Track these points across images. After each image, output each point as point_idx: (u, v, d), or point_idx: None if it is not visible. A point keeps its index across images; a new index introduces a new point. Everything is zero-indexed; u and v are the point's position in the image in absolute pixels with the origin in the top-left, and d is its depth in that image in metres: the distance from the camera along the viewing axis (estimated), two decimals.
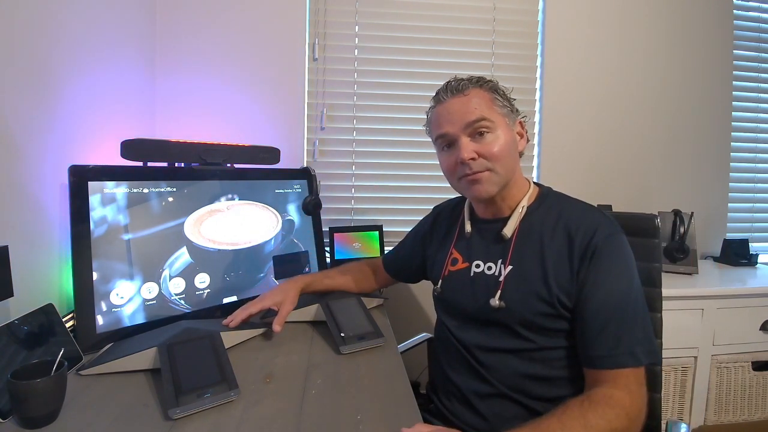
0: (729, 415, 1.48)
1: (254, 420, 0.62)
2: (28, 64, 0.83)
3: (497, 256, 0.81)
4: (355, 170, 1.67)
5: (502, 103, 0.79)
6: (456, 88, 0.79)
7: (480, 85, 0.80)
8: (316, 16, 1.61)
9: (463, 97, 0.78)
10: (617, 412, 0.61)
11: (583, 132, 1.77)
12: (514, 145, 0.80)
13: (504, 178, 0.78)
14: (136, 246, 0.92)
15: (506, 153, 0.77)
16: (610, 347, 0.67)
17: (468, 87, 0.79)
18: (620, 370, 0.66)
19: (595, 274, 0.71)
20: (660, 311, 0.91)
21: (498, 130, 0.77)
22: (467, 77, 0.81)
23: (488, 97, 0.79)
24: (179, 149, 1.06)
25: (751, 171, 1.94)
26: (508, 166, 0.78)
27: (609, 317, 0.68)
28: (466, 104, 0.78)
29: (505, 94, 0.81)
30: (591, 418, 0.60)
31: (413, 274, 1.06)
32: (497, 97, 0.79)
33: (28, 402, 0.57)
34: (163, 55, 1.50)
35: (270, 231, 1.17)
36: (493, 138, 0.77)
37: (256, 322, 0.93)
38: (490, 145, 0.77)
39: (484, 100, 0.78)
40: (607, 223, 0.74)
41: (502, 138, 0.77)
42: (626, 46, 1.77)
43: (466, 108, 0.77)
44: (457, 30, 1.68)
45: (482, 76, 0.82)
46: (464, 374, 0.81)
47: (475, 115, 0.76)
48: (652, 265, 0.91)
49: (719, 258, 1.82)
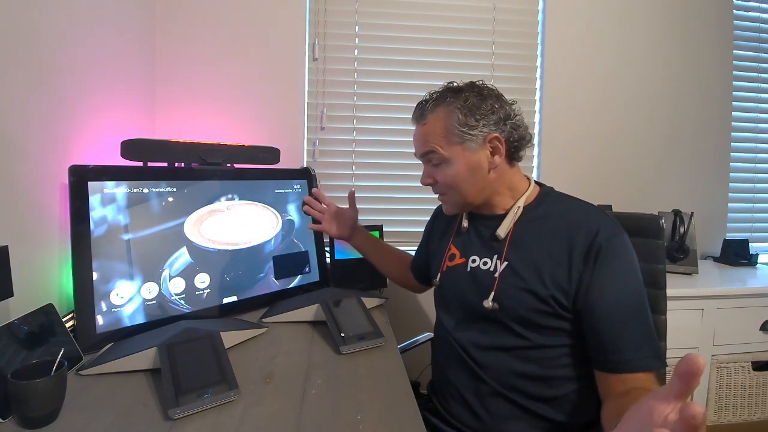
0: (729, 415, 1.48)
1: (254, 420, 0.62)
2: (28, 64, 0.83)
3: (492, 252, 0.81)
4: (355, 170, 1.68)
5: (459, 130, 0.77)
6: (418, 116, 0.83)
7: (442, 106, 0.79)
8: (316, 16, 1.61)
9: (421, 127, 0.82)
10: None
11: (583, 132, 1.77)
12: (475, 170, 0.78)
13: (464, 200, 0.82)
14: (136, 246, 0.92)
15: (460, 180, 0.80)
16: (634, 350, 0.66)
17: (426, 115, 0.81)
18: (644, 374, 0.65)
19: (604, 275, 0.70)
20: (664, 313, 0.90)
21: (452, 160, 0.79)
22: (435, 95, 0.81)
23: (443, 127, 0.78)
24: (179, 149, 1.06)
25: (751, 171, 1.94)
26: (467, 191, 0.81)
27: (627, 319, 0.68)
28: (422, 135, 0.82)
29: (471, 112, 0.76)
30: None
31: (427, 275, 1.06)
32: (454, 125, 0.77)
33: (28, 402, 0.57)
34: (163, 55, 1.50)
35: (270, 231, 1.17)
36: (445, 167, 0.80)
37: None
38: (442, 175, 0.81)
39: (438, 131, 0.79)
40: (609, 223, 0.74)
41: (454, 168, 0.79)
42: (626, 46, 1.77)
43: (422, 138, 0.82)
44: (457, 30, 1.68)
45: (451, 88, 0.80)
46: (461, 373, 0.81)
47: (426, 148, 0.81)
48: (656, 267, 0.90)
49: (719, 258, 1.82)
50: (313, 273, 1.24)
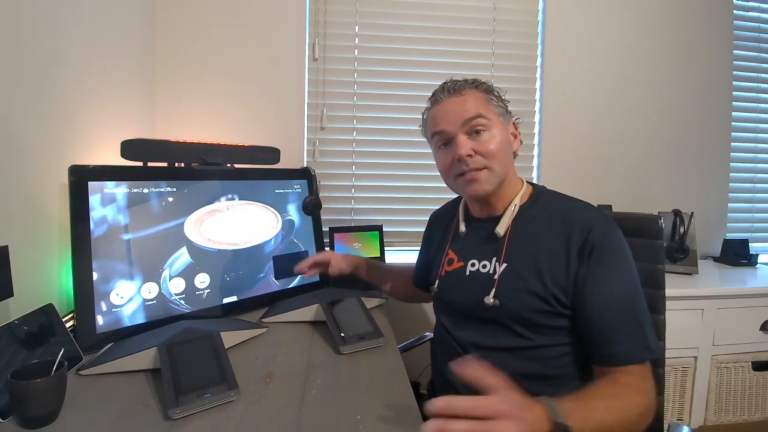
0: (729, 415, 1.48)
1: (254, 420, 0.62)
2: (28, 64, 0.83)
3: (491, 255, 0.81)
4: (355, 170, 1.68)
5: (497, 103, 0.81)
6: (452, 88, 0.81)
7: (476, 86, 0.82)
8: (316, 16, 1.61)
9: (459, 97, 0.80)
10: (642, 399, 0.63)
11: (583, 132, 1.77)
12: (509, 145, 0.82)
13: (500, 177, 0.80)
14: (136, 246, 0.92)
15: (502, 151, 0.79)
16: (627, 343, 0.68)
17: (464, 87, 0.81)
18: (635, 366, 0.67)
19: (598, 271, 0.71)
20: (663, 313, 0.90)
21: (494, 128, 0.79)
22: (463, 79, 0.83)
23: (483, 97, 0.81)
24: (179, 149, 1.06)
25: (751, 171, 1.94)
26: (503, 165, 0.80)
27: (620, 314, 0.69)
28: (463, 103, 0.79)
29: (499, 95, 0.83)
30: (622, 396, 0.62)
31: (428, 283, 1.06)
32: (492, 98, 0.81)
33: (28, 402, 0.57)
34: (163, 55, 1.50)
35: (270, 231, 1.17)
36: (490, 136, 0.78)
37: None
38: (487, 143, 0.78)
39: (480, 100, 0.80)
40: (602, 219, 0.75)
41: (498, 136, 0.79)
42: (626, 46, 1.77)
43: (462, 107, 0.79)
44: (457, 30, 1.68)
45: (477, 78, 0.84)
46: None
47: (472, 113, 0.78)
48: (656, 267, 0.90)
49: (719, 258, 1.82)
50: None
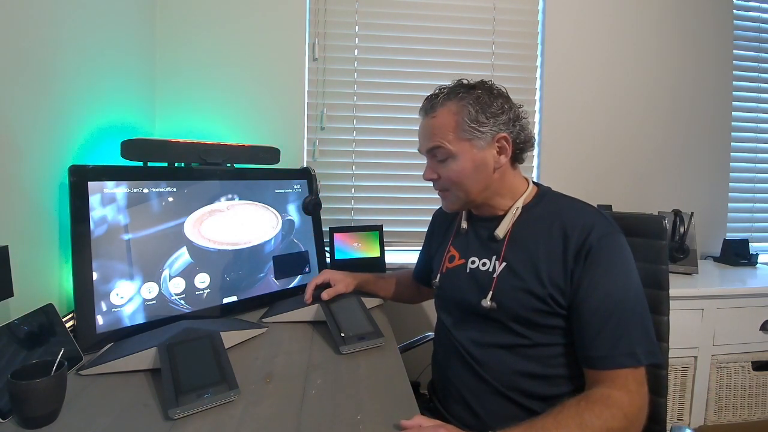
0: (729, 415, 1.48)
1: (254, 420, 0.62)
2: (28, 64, 0.83)
3: (491, 253, 0.81)
4: (355, 170, 1.67)
5: (469, 126, 0.77)
6: (427, 107, 0.82)
7: (459, 98, 0.78)
8: (316, 16, 1.61)
9: (430, 120, 0.81)
10: (614, 412, 0.62)
11: (583, 132, 1.77)
12: (481, 167, 0.78)
13: (466, 198, 0.81)
14: (136, 246, 0.92)
15: (465, 177, 0.79)
16: (608, 348, 0.67)
17: (436, 107, 0.79)
18: (619, 371, 0.66)
19: (592, 274, 0.71)
20: (667, 314, 0.88)
21: (459, 156, 0.78)
22: (446, 90, 0.80)
23: (453, 121, 0.77)
24: (179, 149, 1.06)
25: (751, 171, 1.94)
26: (470, 188, 0.80)
27: (607, 318, 0.68)
28: (430, 128, 0.80)
29: (483, 109, 0.77)
30: (587, 417, 0.60)
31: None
32: (465, 119, 0.77)
33: (28, 402, 0.57)
34: (163, 55, 1.50)
35: (270, 231, 1.17)
36: (451, 163, 0.79)
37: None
38: (447, 171, 0.80)
39: (448, 125, 0.78)
40: (603, 222, 0.74)
41: (460, 164, 0.78)
42: (626, 46, 1.77)
43: (429, 132, 0.80)
44: (457, 30, 1.68)
45: (465, 82, 0.81)
46: (461, 372, 0.81)
47: (432, 143, 0.80)
48: (659, 267, 0.88)
49: (719, 258, 1.82)
50: (313, 273, 1.23)
